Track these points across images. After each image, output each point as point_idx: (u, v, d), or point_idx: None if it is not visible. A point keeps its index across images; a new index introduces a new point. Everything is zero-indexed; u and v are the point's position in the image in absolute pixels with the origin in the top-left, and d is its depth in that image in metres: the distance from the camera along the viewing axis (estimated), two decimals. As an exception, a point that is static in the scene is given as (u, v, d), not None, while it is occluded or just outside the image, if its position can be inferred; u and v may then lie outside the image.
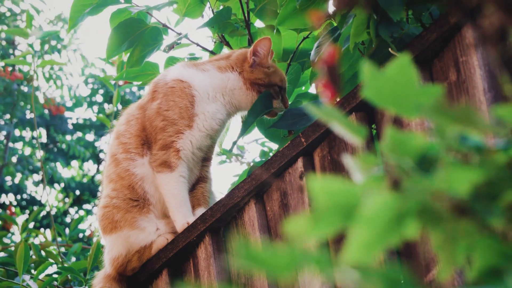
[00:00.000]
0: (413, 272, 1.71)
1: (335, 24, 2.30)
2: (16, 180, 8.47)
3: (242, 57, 2.48)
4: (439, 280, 1.65)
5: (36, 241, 5.78)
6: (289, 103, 2.71)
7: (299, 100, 2.71)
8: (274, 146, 4.06)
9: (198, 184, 2.43)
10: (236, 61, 2.48)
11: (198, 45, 2.83)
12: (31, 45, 3.72)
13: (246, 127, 2.38)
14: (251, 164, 3.27)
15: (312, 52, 2.31)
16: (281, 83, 2.46)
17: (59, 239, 4.46)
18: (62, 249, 4.11)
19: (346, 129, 0.86)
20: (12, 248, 4.24)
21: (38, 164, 8.51)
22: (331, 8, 2.33)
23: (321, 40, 2.29)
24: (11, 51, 7.80)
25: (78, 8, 2.63)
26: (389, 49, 1.94)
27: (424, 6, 1.99)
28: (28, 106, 7.95)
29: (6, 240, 5.15)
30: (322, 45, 2.26)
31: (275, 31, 2.71)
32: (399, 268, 0.78)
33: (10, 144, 8.37)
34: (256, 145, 4.08)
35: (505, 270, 0.78)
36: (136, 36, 2.66)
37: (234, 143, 2.41)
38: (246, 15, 2.72)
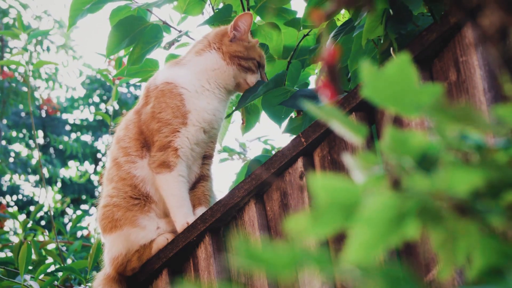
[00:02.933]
0: (413, 271, 1.70)
1: (338, 23, 2.27)
2: (12, 181, 8.46)
3: (221, 32, 2.51)
4: (439, 280, 1.65)
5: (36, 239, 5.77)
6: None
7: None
8: (277, 144, 4.07)
9: (199, 182, 2.43)
10: (214, 38, 2.50)
11: (198, 42, 2.83)
12: (25, 48, 3.70)
13: (243, 101, 2.40)
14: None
15: (328, 41, 2.29)
16: (259, 58, 2.51)
17: (59, 236, 4.45)
18: (63, 248, 4.10)
19: (346, 128, 0.86)
20: (11, 244, 4.23)
21: (34, 164, 8.49)
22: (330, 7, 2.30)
23: (337, 30, 2.25)
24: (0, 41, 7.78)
25: (78, 6, 2.63)
26: (390, 49, 1.91)
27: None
28: (21, 106, 7.91)
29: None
30: (337, 35, 2.22)
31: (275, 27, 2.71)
32: (399, 266, 0.78)
33: (4, 143, 8.34)
34: (259, 143, 4.09)
35: (506, 270, 0.78)
36: (136, 34, 2.66)
37: (235, 110, 2.46)
38: (246, 12, 2.72)
